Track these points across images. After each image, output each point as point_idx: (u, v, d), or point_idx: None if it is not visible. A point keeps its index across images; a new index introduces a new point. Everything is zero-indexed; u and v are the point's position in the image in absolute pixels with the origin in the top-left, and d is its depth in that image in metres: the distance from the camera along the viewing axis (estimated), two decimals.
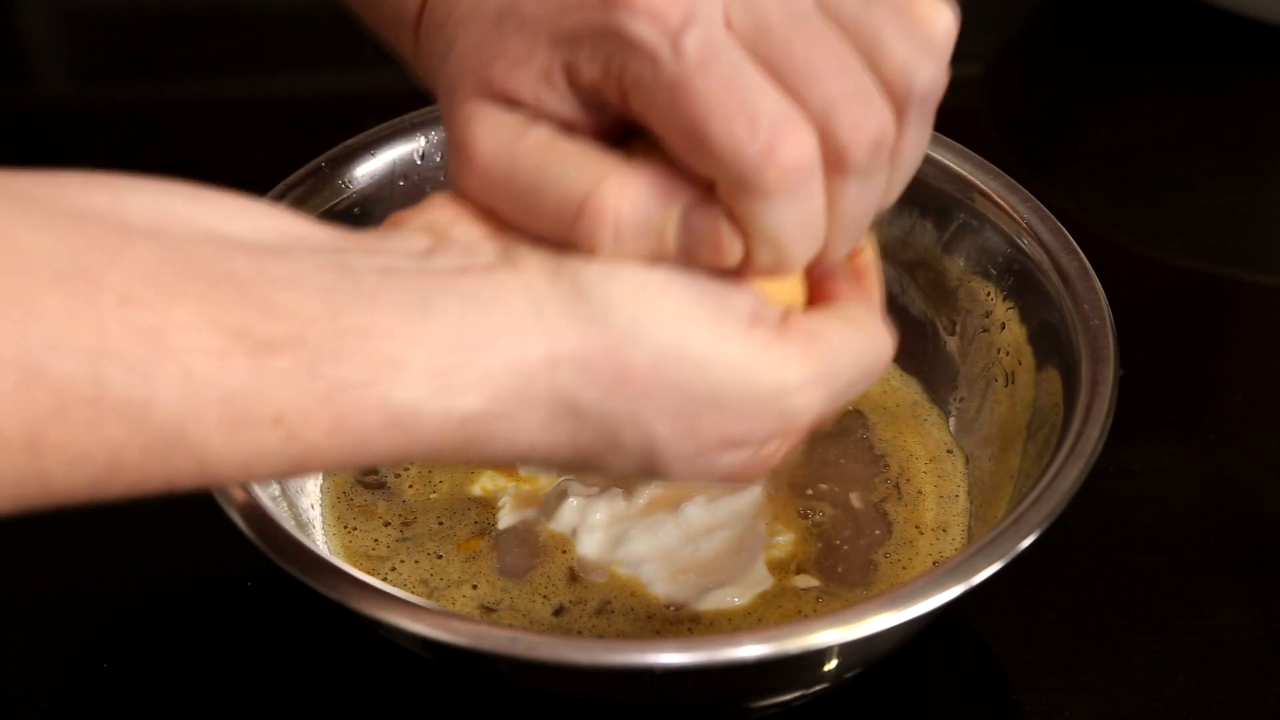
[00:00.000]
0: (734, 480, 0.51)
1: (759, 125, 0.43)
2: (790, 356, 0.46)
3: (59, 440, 0.39)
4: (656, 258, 0.46)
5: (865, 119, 0.44)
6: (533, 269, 0.45)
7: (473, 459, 0.46)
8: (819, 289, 0.50)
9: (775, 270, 0.47)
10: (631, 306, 0.45)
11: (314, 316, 0.41)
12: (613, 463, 0.47)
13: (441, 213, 0.47)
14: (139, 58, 0.97)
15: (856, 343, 0.48)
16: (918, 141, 0.47)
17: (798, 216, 0.45)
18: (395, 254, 0.45)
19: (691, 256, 0.46)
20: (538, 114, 0.46)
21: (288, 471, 0.43)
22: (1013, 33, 0.99)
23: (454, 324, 0.43)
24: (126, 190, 0.42)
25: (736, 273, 0.47)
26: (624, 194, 0.45)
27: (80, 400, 0.39)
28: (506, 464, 0.63)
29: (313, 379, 0.41)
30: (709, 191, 0.45)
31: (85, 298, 0.39)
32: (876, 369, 0.50)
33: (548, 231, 0.45)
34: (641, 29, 0.44)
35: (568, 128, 0.47)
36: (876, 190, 0.47)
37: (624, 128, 0.47)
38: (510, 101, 0.46)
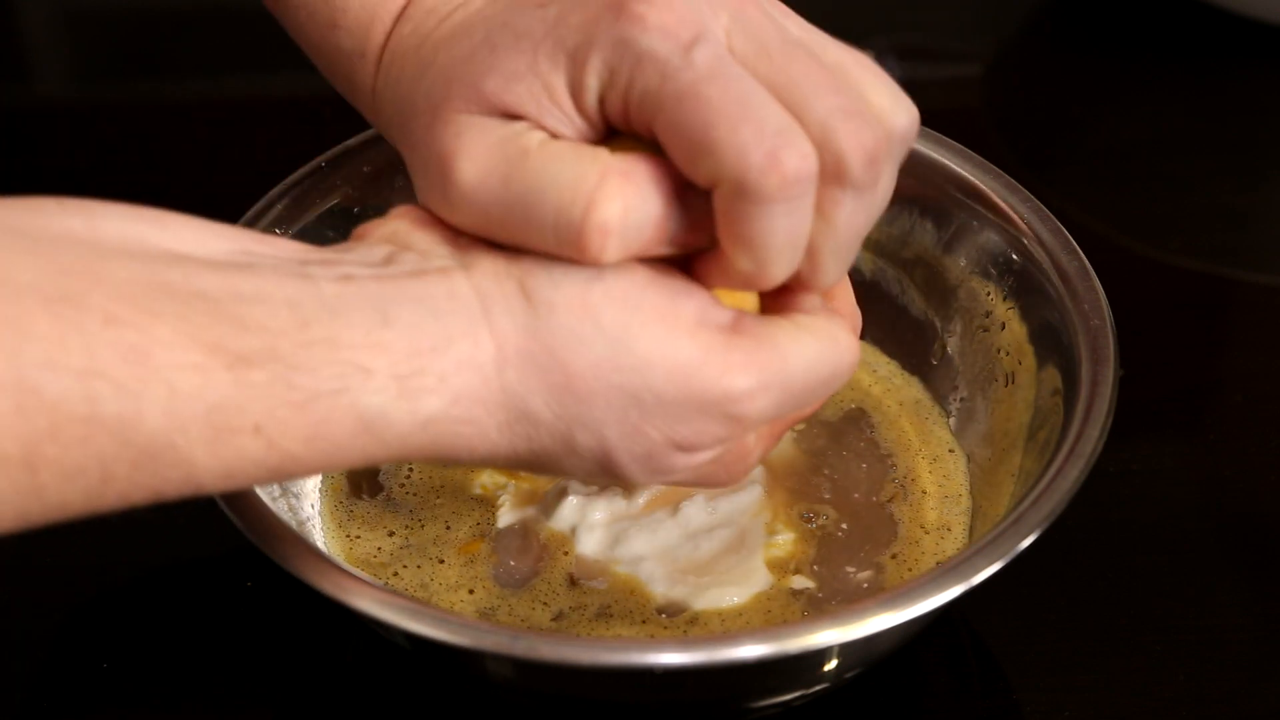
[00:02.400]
0: (708, 485, 0.52)
1: (764, 132, 0.44)
2: (735, 361, 0.47)
3: (53, 456, 0.41)
4: (657, 250, 0.47)
5: (862, 131, 0.46)
6: (485, 271, 0.46)
7: (443, 461, 0.48)
8: (779, 299, 0.51)
9: (748, 283, 0.48)
10: (574, 310, 0.46)
11: (283, 329, 0.43)
12: (572, 466, 0.48)
13: (402, 222, 0.48)
14: (139, 58, 0.97)
15: (812, 350, 0.49)
16: (888, 185, 0.48)
17: (787, 228, 0.46)
18: (353, 263, 0.46)
19: (687, 241, 0.47)
20: (533, 125, 0.47)
21: (268, 479, 0.45)
22: (1013, 33, 0.99)
23: (411, 331, 0.45)
24: (99, 214, 0.44)
25: (704, 281, 0.48)
26: (630, 181, 0.46)
27: (73, 418, 0.41)
28: (479, 466, 0.64)
29: (288, 389, 0.43)
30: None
31: (72, 321, 0.41)
32: (836, 377, 0.50)
33: (545, 236, 0.46)
34: (654, 43, 0.45)
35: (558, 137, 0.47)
36: (866, 210, 0.48)
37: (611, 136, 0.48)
38: (504, 114, 0.47)
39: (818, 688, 0.58)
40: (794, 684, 0.57)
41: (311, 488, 0.63)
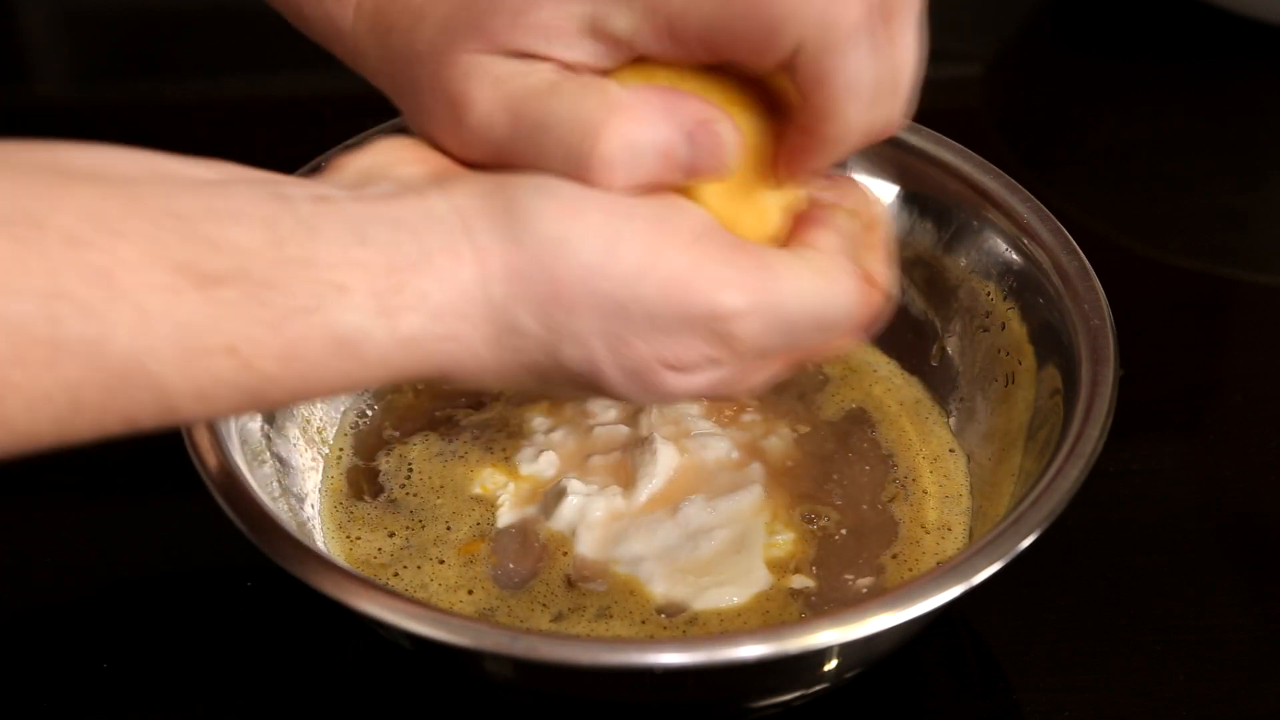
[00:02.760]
0: (697, 400, 0.52)
1: None
2: (728, 279, 0.47)
3: (19, 382, 0.40)
4: (666, 175, 0.47)
5: None
6: (463, 191, 0.46)
7: (431, 380, 0.47)
8: (798, 235, 0.50)
9: (839, 143, 0.48)
10: (562, 216, 0.46)
11: (256, 249, 0.42)
12: (562, 382, 0.48)
13: (380, 154, 0.48)
14: (139, 58, 0.97)
15: (809, 283, 0.48)
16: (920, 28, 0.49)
17: (874, 63, 0.46)
18: (330, 186, 0.46)
19: (697, 170, 0.47)
20: (541, 59, 0.47)
21: (246, 404, 0.44)
22: (1013, 33, 0.99)
23: (389, 248, 0.44)
24: (66, 149, 0.44)
25: (791, 167, 0.49)
26: (635, 116, 0.46)
27: (37, 341, 0.40)
28: (469, 386, 0.63)
29: (260, 307, 0.42)
30: (707, 106, 0.47)
31: (32, 242, 0.40)
32: (834, 318, 0.49)
33: (555, 170, 0.46)
34: None
35: (569, 68, 0.48)
36: (919, 40, 0.48)
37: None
38: (511, 52, 0.47)
39: (818, 688, 0.58)
40: (794, 684, 0.57)
41: (311, 488, 0.63)
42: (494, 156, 0.48)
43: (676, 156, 0.47)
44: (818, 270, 0.49)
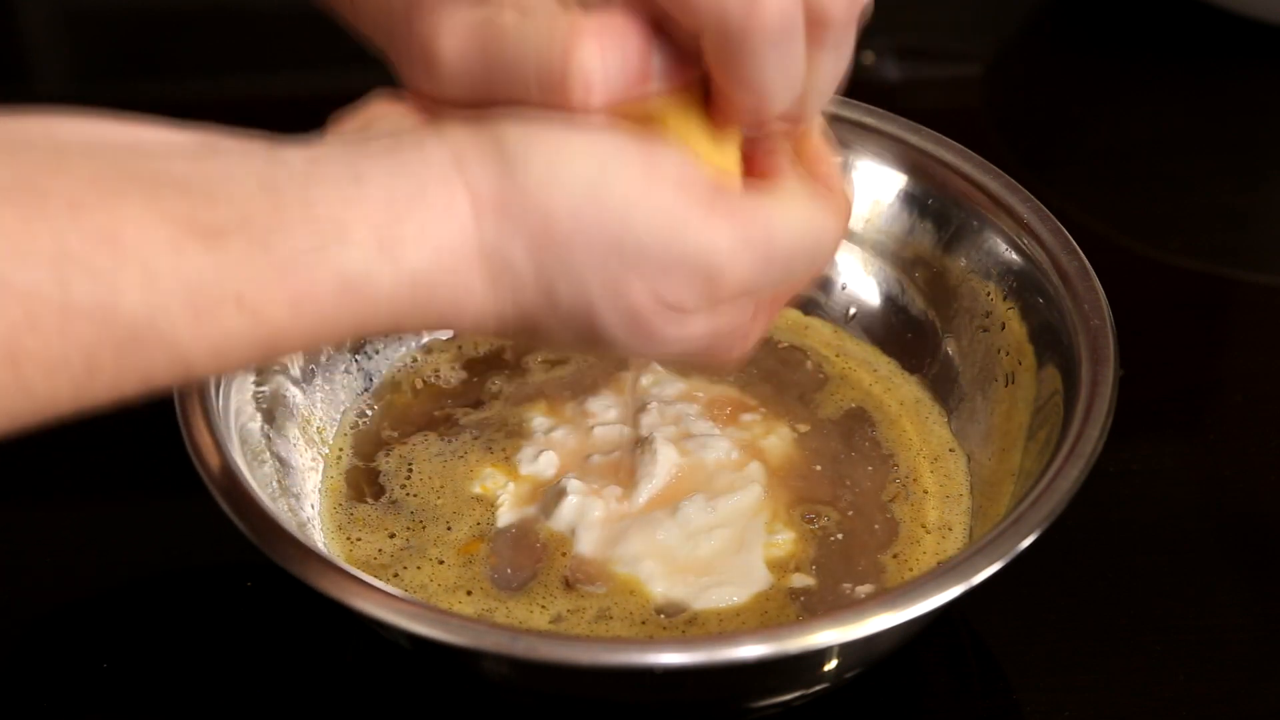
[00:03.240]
0: (705, 361, 0.51)
1: None
2: (717, 218, 0.47)
3: (34, 348, 0.40)
4: (642, 86, 0.47)
5: None
6: (456, 132, 0.46)
7: (434, 326, 0.46)
8: (761, 167, 0.50)
9: (753, 116, 0.48)
10: (551, 155, 0.46)
11: (254, 198, 0.43)
12: (557, 329, 0.48)
13: (377, 109, 0.49)
14: (139, 58, 0.97)
15: (794, 217, 0.48)
16: (854, 35, 0.49)
17: (781, 65, 0.46)
18: (323, 141, 0.46)
19: (676, 75, 0.47)
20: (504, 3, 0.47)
21: (260, 354, 0.44)
22: (1013, 33, 0.99)
23: (385, 186, 0.44)
24: (56, 120, 0.44)
25: (714, 116, 0.49)
26: (606, 28, 0.46)
27: (48, 306, 0.40)
28: (468, 332, 0.63)
29: (265, 253, 0.42)
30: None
31: (36, 208, 0.40)
32: (818, 248, 0.50)
33: (530, 95, 0.46)
34: None
35: None
36: (846, 55, 0.48)
37: None
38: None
39: (818, 688, 0.58)
40: (794, 684, 0.57)
41: (311, 488, 0.63)
42: (471, 95, 0.47)
43: (650, 63, 0.47)
44: (801, 203, 0.49)
